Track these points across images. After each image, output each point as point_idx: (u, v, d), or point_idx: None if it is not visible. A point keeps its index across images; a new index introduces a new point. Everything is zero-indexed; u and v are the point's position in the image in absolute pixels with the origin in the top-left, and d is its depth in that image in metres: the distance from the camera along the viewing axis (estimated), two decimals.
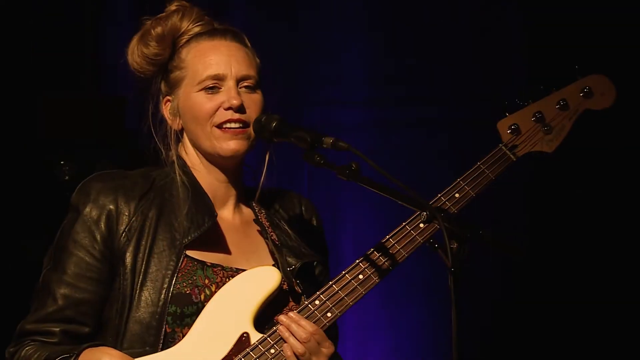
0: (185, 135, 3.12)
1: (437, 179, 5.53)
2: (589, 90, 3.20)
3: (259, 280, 2.97)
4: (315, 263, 3.15)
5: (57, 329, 2.92)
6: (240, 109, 3.02)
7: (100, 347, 2.88)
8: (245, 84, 3.06)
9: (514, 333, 5.54)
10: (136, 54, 3.12)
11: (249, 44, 3.14)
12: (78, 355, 2.86)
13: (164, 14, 3.13)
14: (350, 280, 2.98)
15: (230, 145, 3.03)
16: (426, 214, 2.70)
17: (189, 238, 2.98)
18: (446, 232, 2.63)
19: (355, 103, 5.81)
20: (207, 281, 2.96)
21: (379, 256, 3.00)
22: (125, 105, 5.41)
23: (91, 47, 5.66)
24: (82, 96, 5.55)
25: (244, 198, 3.17)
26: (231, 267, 3.01)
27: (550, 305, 5.45)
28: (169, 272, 2.94)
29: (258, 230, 3.13)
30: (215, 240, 3.04)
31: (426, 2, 5.75)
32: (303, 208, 3.27)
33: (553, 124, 3.19)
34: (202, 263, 2.98)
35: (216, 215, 3.03)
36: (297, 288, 3.05)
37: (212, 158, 3.08)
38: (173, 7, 3.13)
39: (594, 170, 5.27)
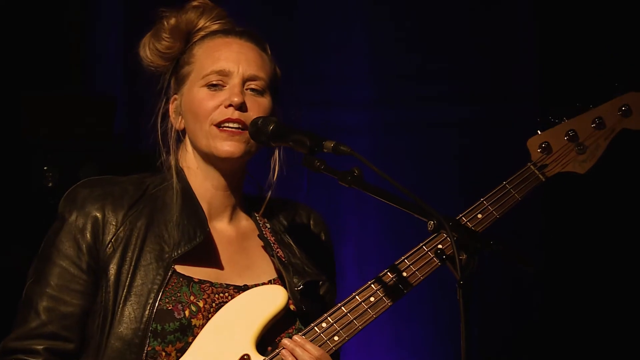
0: (186, 135, 3.12)
1: (446, 184, 5.59)
2: (627, 109, 3.17)
3: (265, 299, 2.96)
4: (320, 282, 3.13)
5: (41, 347, 2.91)
6: (242, 107, 3.01)
7: None
8: (252, 85, 3.06)
9: (524, 349, 5.55)
10: (147, 47, 3.13)
11: (269, 51, 3.14)
12: None
13: (183, 8, 3.15)
14: (360, 303, 2.96)
15: (225, 146, 3.01)
16: (433, 223, 2.67)
17: (179, 252, 2.96)
18: (455, 243, 2.61)
19: (358, 104, 5.80)
20: (192, 297, 2.95)
21: (393, 278, 2.99)
22: (115, 105, 5.40)
23: (77, 42, 5.65)
24: (68, 95, 5.53)
25: (244, 208, 3.16)
26: (221, 283, 3.00)
27: (562, 320, 5.45)
28: (155, 286, 2.93)
29: (262, 246, 3.11)
30: (206, 254, 3.03)
31: None
32: (312, 222, 3.25)
33: (587, 143, 3.17)
34: (189, 279, 2.97)
35: (208, 230, 3.01)
36: (303, 309, 3.03)
37: (210, 160, 3.07)
38: (194, 3, 3.15)
39: (611, 182, 5.27)
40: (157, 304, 2.91)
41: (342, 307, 2.96)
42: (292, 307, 3.02)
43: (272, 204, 3.19)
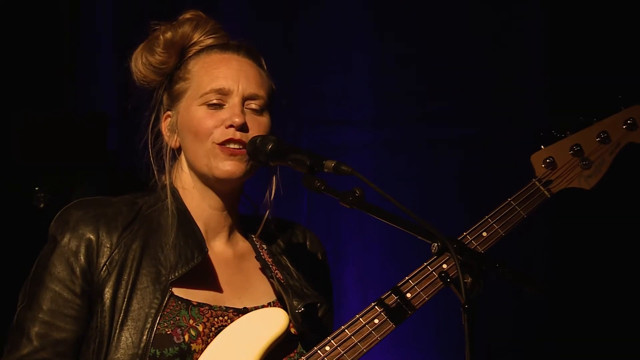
0: (182, 154, 3.12)
1: (449, 203, 5.59)
2: (632, 122, 3.20)
3: (265, 322, 2.96)
4: (319, 304, 3.13)
5: None
6: (243, 128, 3.01)
7: None
8: (252, 104, 3.06)
9: None
10: (140, 61, 3.12)
11: (265, 66, 3.14)
12: None
13: (176, 21, 3.14)
14: (364, 325, 2.97)
15: (226, 166, 3.02)
16: (437, 245, 2.66)
17: (176, 274, 2.96)
18: (460, 265, 2.60)
19: (359, 122, 5.80)
20: (191, 321, 2.94)
21: (397, 299, 2.99)
22: (108, 123, 5.40)
23: (68, 60, 5.66)
24: (59, 114, 5.53)
25: (240, 229, 3.16)
26: (220, 306, 3.00)
27: (567, 333, 5.45)
28: (153, 310, 2.92)
29: (259, 267, 3.11)
30: (204, 276, 3.03)
31: (440, 12, 5.75)
32: (308, 242, 3.27)
33: (592, 157, 3.19)
34: (187, 302, 2.96)
35: (206, 251, 3.01)
36: (304, 332, 3.03)
37: (208, 181, 3.07)
38: (187, 16, 3.15)
39: (616, 197, 5.27)
40: (155, 328, 2.90)
41: (346, 330, 2.96)
42: (292, 330, 3.02)
43: (268, 225, 3.19)
